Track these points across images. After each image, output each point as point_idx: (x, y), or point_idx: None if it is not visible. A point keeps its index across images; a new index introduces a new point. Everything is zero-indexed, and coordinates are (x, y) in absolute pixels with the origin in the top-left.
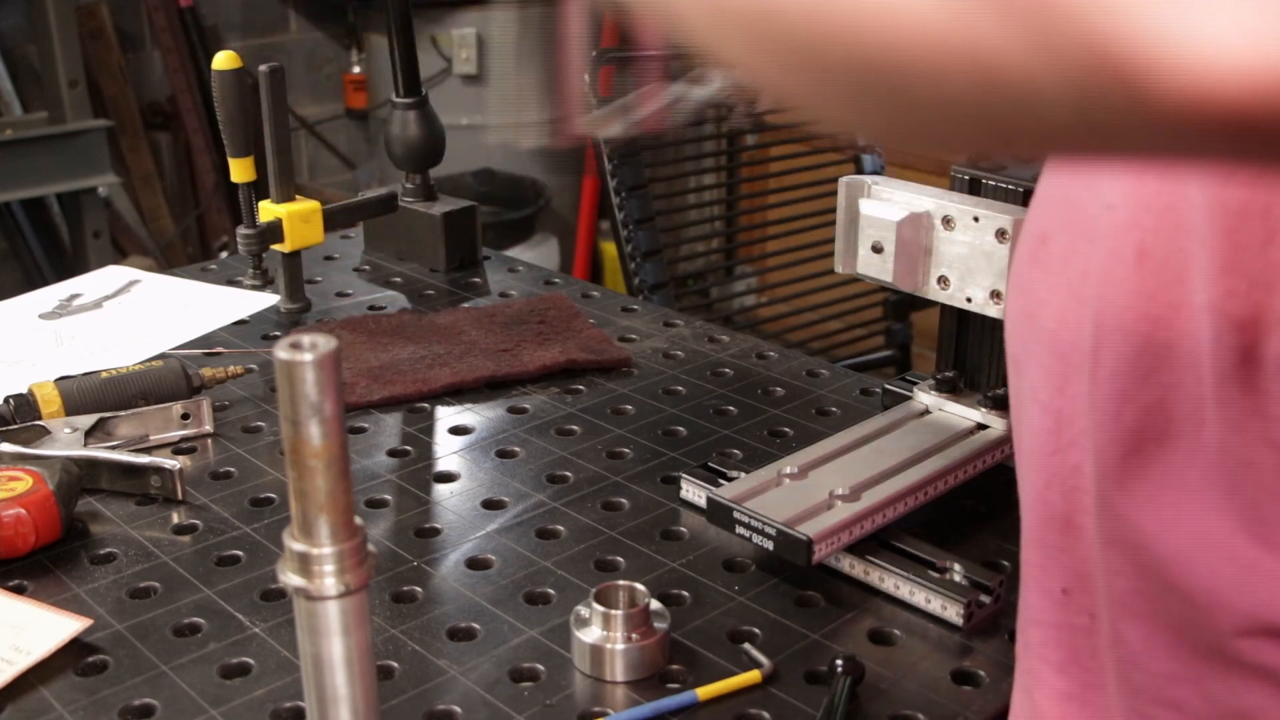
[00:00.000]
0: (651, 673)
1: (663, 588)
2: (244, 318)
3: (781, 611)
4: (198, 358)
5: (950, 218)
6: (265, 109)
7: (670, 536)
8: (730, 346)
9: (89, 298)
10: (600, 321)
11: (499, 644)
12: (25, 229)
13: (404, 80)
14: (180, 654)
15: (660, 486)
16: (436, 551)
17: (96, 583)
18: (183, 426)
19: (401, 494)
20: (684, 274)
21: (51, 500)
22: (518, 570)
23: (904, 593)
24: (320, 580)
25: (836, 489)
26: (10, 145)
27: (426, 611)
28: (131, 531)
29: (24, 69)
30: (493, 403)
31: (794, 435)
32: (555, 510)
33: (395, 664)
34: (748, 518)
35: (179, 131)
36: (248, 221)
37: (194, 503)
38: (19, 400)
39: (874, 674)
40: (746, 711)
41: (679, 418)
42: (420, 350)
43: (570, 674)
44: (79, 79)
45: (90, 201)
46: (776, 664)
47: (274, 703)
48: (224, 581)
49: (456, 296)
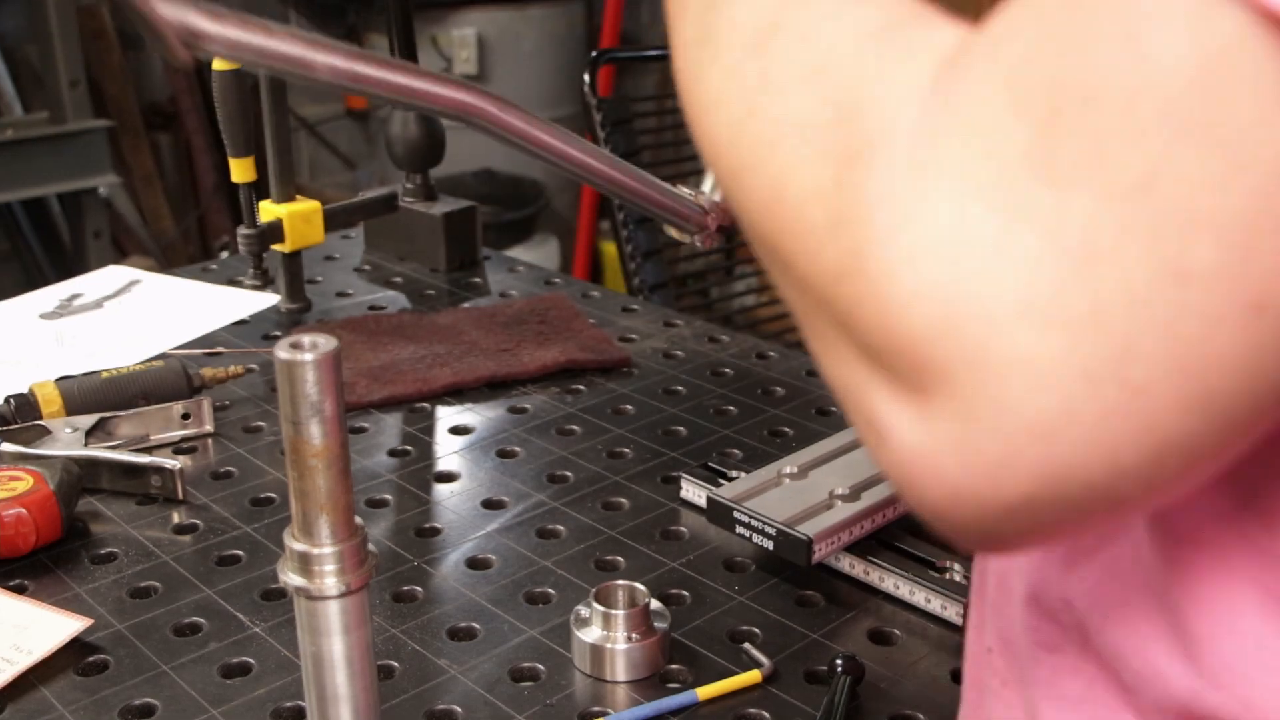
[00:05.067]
0: (651, 673)
1: (663, 588)
2: (244, 318)
3: (781, 611)
4: (198, 358)
5: None
6: (265, 109)
7: (670, 536)
8: (730, 346)
9: (89, 298)
10: (600, 321)
11: (499, 644)
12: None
13: None
14: (181, 654)
15: (660, 486)
16: (436, 551)
17: (97, 582)
18: (183, 426)
19: (401, 494)
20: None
21: (52, 500)
22: (518, 570)
23: (904, 593)
24: (320, 580)
25: (836, 489)
26: (11, 145)
27: (426, 611)
28: (132, 531)
29: (24, 69)
30: (493, 403)
31: (794, 435)
32: (555, 510)
33: (395, 664)
34: (748, 517)
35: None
36: (248, 221)
37: (194, 503)
38: (19, 400)
39: (874, 674)
40: (746, 711)
41: (679, 418)
42: (420, 350)
43: (570, 674)
44: (80, 79)
45: (91, 201)
46: (776, 664)
47: (274, 702)
48: (224, 581)
49: (457, 296)
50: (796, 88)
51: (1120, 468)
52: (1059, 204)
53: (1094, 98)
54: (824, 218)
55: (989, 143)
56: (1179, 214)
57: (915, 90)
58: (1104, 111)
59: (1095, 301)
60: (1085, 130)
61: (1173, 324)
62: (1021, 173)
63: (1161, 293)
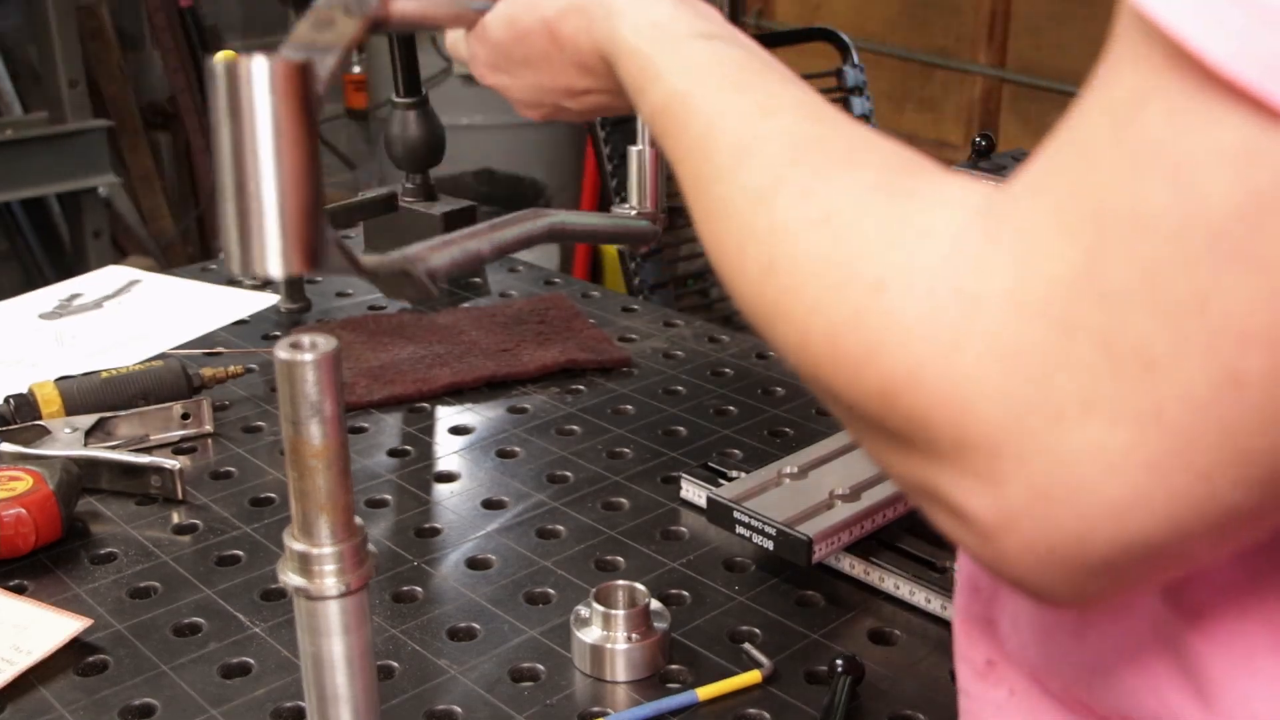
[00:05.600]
0: (651, 673)
1: (663, 588)
2: (244, 318)
3: (781, 611)
4: (198, 358)
5: None
6: None
7: (670, 536)
8: (730, 346)
9: (89, 298)
10: (600, 321)
11: (499, 644)
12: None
13: (404, 80)
14: (180, 654)
15: (660, 486)
16: (436, 551)
17: (97, 582)
18: (183, 426)
19: (401, 494)
20: (684, 274)
21: (52, 500)
22: (518, 570)
23: (904, 593)
24: (320, 580)
25: (836, 489)
26: (10, 145)
27: (426, 611)
28: (132, 531)
29: (24, 69)
30: (493, 403)
31: (794, 435)
32: (555, 510)
33: (395, 664)
34: (748, 517)
35: (179, 131)
36: None
37: (194, 503)
38: (19, 400)
39: (874, 674)
40: (746, 711)
41: (679, 418)
42: (420, 350)
43: (570, 674)
44: (79, 79)
45: (90, 201)
46: (776, 664)
47: (274, 702)
48: (224, 581)
49: (456, 296)
50: (807, 233)
51: (1189, 534)
52: (1112, 319)
53: (1143, 226)
54: (858, 347)
55: (1040, 265)
56: (1231, 330)
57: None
58: (1153, 239)
59: (1157, 402)
60: (1135, 255)
61: (1233, 422)
62: (1074, 290)
63: (1220, 397)
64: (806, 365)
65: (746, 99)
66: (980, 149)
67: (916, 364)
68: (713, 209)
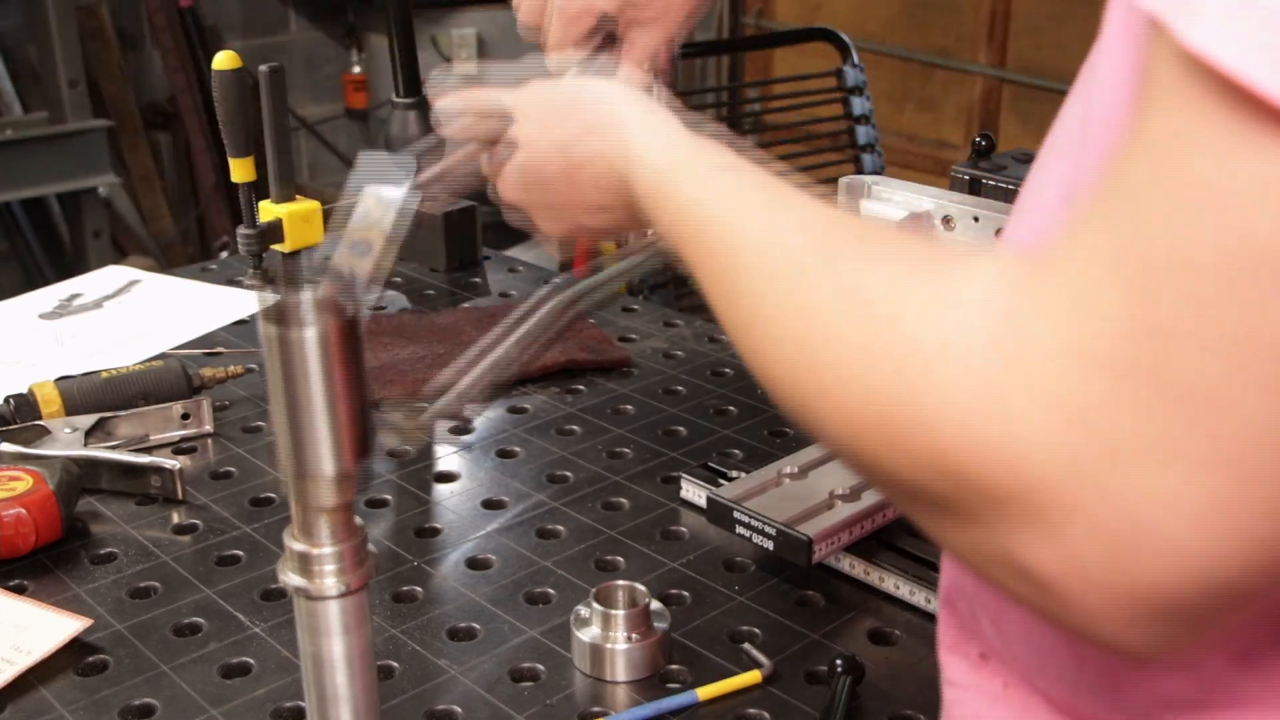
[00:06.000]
0: (651, 673)
1: (663, 588)
2: (244, 318)
3: (781, 611)
4: (198, 358)
5: (950, 217)
6: (265, 109)
7: (670, 536)
8: (730, 346)
9: (89, 298)
10: (600, 321)
11: (499, 644)
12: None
13: (404, 80)
14: (180, 654)
15: (660, 486)
16: (436, 551)
17: (97, 583)
18: (183, 426)
19: (401, 494)
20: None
21: (52, 500)
22: (518, 570)
23: (904, 593)
24: (320, 580)
25: (836, 489)
26: (10, 145)
27: (426, 611)
28: (131, 531)
29: (24, 69)
30: (493, 403)
31: (794, 435)
32: (555, 510)
33: (395, 664)
34: (748, 518)
35: (179, 131)
36: (248, 221)
37: (194, 503)
38: (19, 400)
39: (874, 674)
40: (746, 712)
41: (679, 418)
42: (420, 350)
43: (570, 674)
44: (79, 79)
45: (90, 201)
46: (776, 664)
47: (274, 702)
48: (224, 581)
49: (457, 296)
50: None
51: (1258, 569)
52: (1165, 358)
53: (1191, 263)
54: (902, 414)
55: (1088, 311)
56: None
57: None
58: (1202, 275)
59: (1214, 438)
60: (1185, 293)
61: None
62: (1124, 333)
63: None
64: (849, 442)
65: (764, 195)
66: (980, 149)
67: (964, 422)
68: (741, 302)
